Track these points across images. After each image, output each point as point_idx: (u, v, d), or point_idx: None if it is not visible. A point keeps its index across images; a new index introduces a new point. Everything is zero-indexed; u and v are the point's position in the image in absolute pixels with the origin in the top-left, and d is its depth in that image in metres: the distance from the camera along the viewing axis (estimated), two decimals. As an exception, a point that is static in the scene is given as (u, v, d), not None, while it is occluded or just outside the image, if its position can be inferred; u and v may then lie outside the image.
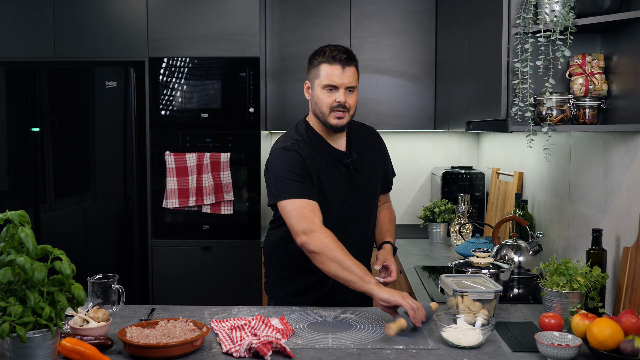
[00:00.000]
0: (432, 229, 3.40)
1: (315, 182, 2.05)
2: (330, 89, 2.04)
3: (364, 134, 2.24)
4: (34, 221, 3.41)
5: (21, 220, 1.45)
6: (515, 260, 2.43)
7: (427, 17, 3.72)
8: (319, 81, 2.05)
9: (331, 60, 2.03)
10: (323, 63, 2.04)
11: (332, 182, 2.10)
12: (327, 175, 2.09)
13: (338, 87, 2.03)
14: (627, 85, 1.87)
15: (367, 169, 2.17)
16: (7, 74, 3.40)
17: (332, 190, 2.09)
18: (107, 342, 1.63)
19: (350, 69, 2.04)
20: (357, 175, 2.14)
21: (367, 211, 2.20)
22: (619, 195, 1.98)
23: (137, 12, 3.42)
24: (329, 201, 2.07)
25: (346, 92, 2.05)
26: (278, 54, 3.72)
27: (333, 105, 2.04)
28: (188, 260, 3.48)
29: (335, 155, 2.12)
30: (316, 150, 2.11)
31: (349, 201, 2.13)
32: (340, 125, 2.07)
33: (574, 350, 1.53)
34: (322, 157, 2.10)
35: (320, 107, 2.06)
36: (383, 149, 2.28)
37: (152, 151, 3.45)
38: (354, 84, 2.06)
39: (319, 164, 2.09)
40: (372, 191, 2.20)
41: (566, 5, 1.85)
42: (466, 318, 1.72)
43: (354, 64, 2.07)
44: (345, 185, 2.12)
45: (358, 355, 1.60)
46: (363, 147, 2.19)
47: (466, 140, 4.09)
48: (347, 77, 2.03)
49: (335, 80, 2.02)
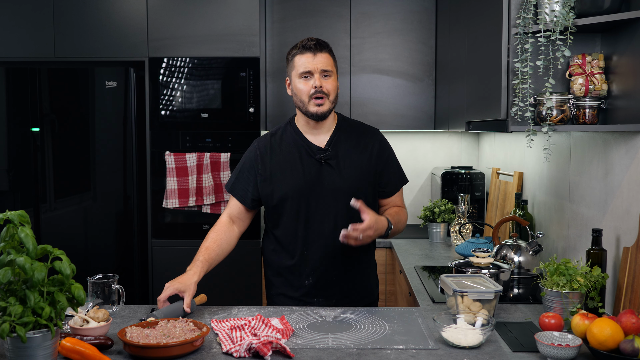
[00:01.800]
0: (432, 229, 3.40)
1: (267, 175, 2.14)
2: (305, 77, 2.08)
3: (357, 133, 2.19)
4: (34, 221, 3.41)
5: (21, 220, 1.45)
6: (515, 260, 2.43)
7: (427, 17, 3.72)
8: (295, 72, 2.10)
9: (302, 50, 2.09)
10: (297, 55, 2.10)
11: (294, 173, 2.12)
12: (289, 166, 2.13)
13: (312, 72, 2.07)
14: (627, 85, 1.87)
15: (347, 167, 2.13)
16: (7, 74, 3.40)
17: (294, 182, 2.11)
18: (107, 342, 1.63)
19: (322, 55, 2.09)
20: (331, 171, 2.12)
21: (344, 210, 2.08)
22: (619, 195, 1.98)
23: (137, 12, 3.42)
24: (286, 193, 2.11)
25: (321, 77, 2.08)
26: (278, 54, 3.73)
27: (310, 92, 2.07)
28: (188, 260, 3.42)
29: (308, 150, 2.14)
30: (286, 142, 2.16)
31: (318, 196, 2.11)
32: (321, 112, 2.09)
33: (574, 350, 1.53)
34: (289, 150, 2.15)
35: (300, 96, 2.10)
36: (380, 152, 2.19)
37: (152, 151, 3.45)
38: (328, 67, 2.09)
39: (282, 156, 2.15)
40: (352, 189, 2.10)
41: (566, 5, 1.85)
42: (466, 318, 1.72)
43: (325, 50, 2.10)
44: (312, 179, 2.11)
45: (358, 355, 1.60)
46: (347, 145, 2.16)
47: (466, 140, 4.09)
48: (320, 62, 2.07)
49: (308, 66, 2.07)
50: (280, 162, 2.14)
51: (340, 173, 2.12)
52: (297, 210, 2.12)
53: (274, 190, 2.13)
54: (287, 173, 2.13)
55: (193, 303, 1.99)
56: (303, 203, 2.11)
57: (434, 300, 2.16)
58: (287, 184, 2.12)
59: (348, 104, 3.72)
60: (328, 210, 2.11)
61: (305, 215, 2.12)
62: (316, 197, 2.11)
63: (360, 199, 1.98)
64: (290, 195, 2.11)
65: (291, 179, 2.12)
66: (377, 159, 2.18)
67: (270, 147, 2.17)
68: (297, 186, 2.11)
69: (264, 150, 2.17)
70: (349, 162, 2.14)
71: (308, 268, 2.14)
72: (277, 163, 2.15)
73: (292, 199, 2.11)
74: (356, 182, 2.13)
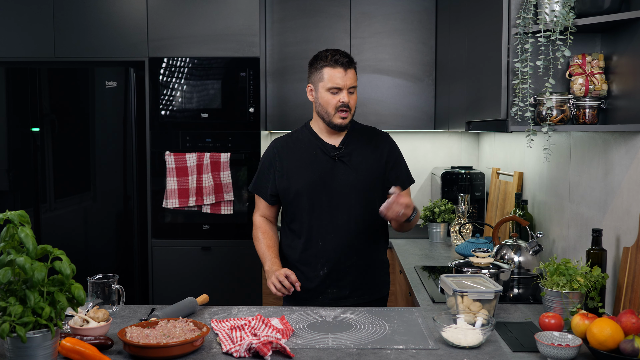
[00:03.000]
0: (432, 229, 3.40)
1: (284, 171, 2.26)
2: (334, 91, 2.19)
3: (367, 135, 2.33)
4: (34, 221, 3.41)
5: (21, 220, 1.45)
6: (515, 260, 2.43)
7: (427, 17, 3.72)
8: (323, 84, 2.21)
9: (334, 64, 2.19)
10: (326, 67, 2.20)
11: (310, 169, 2.24)
12: (305, 163, 2.26)
13: (342, 88, 2.19)
14: (627, 85, 1.87)
15: (359, 164, 2.25)
16: (7, 74, 3.40)
17: (309, 177, 2.23)
18: (107, 342, 1.63)
19: (351, 71, 2.21)
20: (344, 168, 2.24)
21: (358, 203, 2.24)
22: (619, 195, 1.98)
23: (137, 12, 3.42)
24: (302, 188, 2.23)
25: (348, 93, 2.21)
26: (278, 54, 3.73)
27: (338, 105, 2.20)
28: (188, 260, 3.48)
29: (323, 148, 2.27)
30: (301, 142, 2.30)
31: (332, 191, 2.23)
32: (344, 124, 2.23)
33: (574, 350, 1.53)
34: (305, 148, 2.28)
35: (326, 107, 2.22)
36: (388, 153, 2.31)
37: (152, 151, 3.45)
38: (355, 84, 2.23)
39: (299, 154, 2.28)
40: (365, 186, 2.25)
41: (566, 5, 1.85)
42: (466, 318, 1.72)
43: (353, 67, 2.23)
44: (326, 175, 2.23)
45: (358, 355, 1.60)
46: (360, 144, 2.29)
47: (466, 140, 4.09)
48: (349, 78, 2.20)
49: (338, 82, 2.18)
50: (296, 159, 2.28)
51: (353, 169, 2.24)
52: (312, 204, 2.24)
53: (291, 185, 2.26)
54: (303, 169, 2.26)
55: (195, 303, 1.99)
56: (317, 197, 2.23)
57: (434, 300, 2.16)
58: (303, 179, 2.24)
59: (348, 104, 3.72)
60: (342, 204, 2.24)
61: (320, 209, 2.24)
62: (330, 192, 2.23)
63: (374, 194, 2.23)
64: (305, 190, 2.24)
65: (306, 175, 2.25)
66: (387, 158, 2.30)
67: (287, 146, 2.31)
68: (312, 181, 2.23)
69: (281, 149, 2.31)
70: (361, 159, 2.26)
71: (323, 259, 2.24)
72: (293, 160, 2.28)
73: (307, 193, 2.24)
74: (368, 178, 2.26)
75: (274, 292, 2.14)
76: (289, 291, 2.12)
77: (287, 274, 2.13)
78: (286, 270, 2.15)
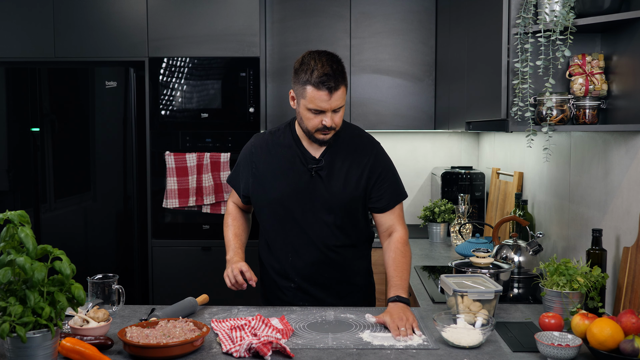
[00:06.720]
0: (432, 229, 3.40)
1: (259, 175, 2.12)
2: (315, 112, 1.97)
3: (353, 146, 2.11)
4: (34, 221, 3.41)
5: (21, 220, 1.45)
6: (515, 260, 2.43)
7: (427, 17, 3.72)
8: (304, 102, 1.97)
9: (319, 86, 1.92)
10: (309, 85, 1.94)
11: (285, 179, 2.08)
12: (281, 171, 2.09)
13: (325, 111, 1.97)
14: (627, 85, 1.87)
15: (337, 183, 2.07)
16: (7, 74, 3.40)
17: (283, 188, 2.08)
18: (107, 342, 1.63)
19: (337, 93, 1.95)
20: (320, 183, 2.07)
21: (332, 222, 2.08)
22: (619, 195, 1.98)
23: (137, 12, 3.42)
24: (275, 198, 2.10)
25: (332, 113, 1.98)
26: (278, 54, 3.73)
27: (319, 127, 1.99)
28: (188, 260, 3.48)
29: (302, 158, 2.09)
30: (282, 146, 2.12)
31: (305, 206, 2.07)
32: (326, 140, 2.04)
33: (574, 350, 1.53)
34: (284, 154, 2.10)
35: (306, 125, 2.02)
36: (373, 167, 2.10)
37: (152, 151, 3.45)
38: (341, 104, 1.98)
39: (277, 160, 2.11)
40: (340, 205, 2.08)
41: (566, 5, 1.85)
42: (466, 318, 1.72)
43: (341, 85, 1.96)
44: (301, 188, 2.07)
45: (358, 355, 1.60)
46: (342, 157, 2.09)
47: (466, 140, 4.09)
48: (335, 100, 1.95)
49: (321, 105, 1.95)
50: (273, 165, 2.11)
51: (329, 186, 2.07)
52: (283, 217, 2.10)
53: (264, 192, 2.12)
54: (278, 178, 2.10)
55: (195, 303, 1.99)
56: (289, 211, 2.09)
57: (434, 300, 2.16)
58: (276, 190, 2.09)
59: (348, 104, 3.72)
60: (314, 221, 2.09)
61: (291, 222, 2.10)
62: (303, 207, 2.08)
63: (351, 212, 2.10)
64: (278, 201, 2.09)
65: (281, 185, 2.09)
66: (369, 174, 2.10)
67: (267, 148, 2.14)
68: (286, 193, 2.08)
69: (260, 149, 2.14)
70: (339, 176, 2.08)
71: (292, 273, 2.13)
72: (270, 165, 2.12)
73: (280, 204, 2.09)
74: (345, 198, 2.08)
75: (228, 286, 2.03)
76: (242, 287, 2.01)
77: (242, 270, 2.01)
78: (243, 265, 2.02)
